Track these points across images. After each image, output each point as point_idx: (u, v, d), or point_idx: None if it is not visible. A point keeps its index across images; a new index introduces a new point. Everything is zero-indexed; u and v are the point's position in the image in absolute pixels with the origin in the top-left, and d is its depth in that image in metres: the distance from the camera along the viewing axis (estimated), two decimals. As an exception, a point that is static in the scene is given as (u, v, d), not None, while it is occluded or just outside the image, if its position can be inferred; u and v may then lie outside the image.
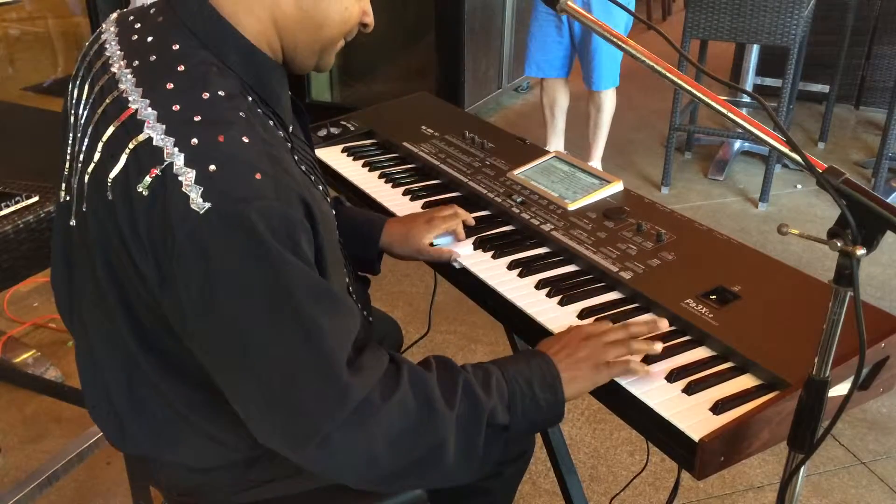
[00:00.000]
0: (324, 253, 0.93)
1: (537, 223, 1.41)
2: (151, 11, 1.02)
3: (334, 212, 1.17)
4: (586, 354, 1.04)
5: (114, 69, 0.97)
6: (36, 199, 1.62)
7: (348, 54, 4.71)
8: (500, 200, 1.49)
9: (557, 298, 1.22)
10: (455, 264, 1.35)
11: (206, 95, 0.90)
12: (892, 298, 2.94)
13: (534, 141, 1.73)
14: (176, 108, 0.89)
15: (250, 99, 0.96)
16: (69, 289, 1.12)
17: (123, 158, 0.90)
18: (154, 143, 0.88)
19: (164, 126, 0.88)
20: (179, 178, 0.85)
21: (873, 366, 1.05)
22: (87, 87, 1.01)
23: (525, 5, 4.62)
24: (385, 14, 4.66)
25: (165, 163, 0.86)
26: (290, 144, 1.02)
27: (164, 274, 0.89)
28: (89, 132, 0.97)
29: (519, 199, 1.49)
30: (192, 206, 0.84)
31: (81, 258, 1.05)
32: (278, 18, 0.98)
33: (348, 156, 1.76)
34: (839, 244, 0.82)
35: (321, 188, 1.10)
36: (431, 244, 1.38)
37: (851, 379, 0.87)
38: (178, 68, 0.93)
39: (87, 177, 0.97)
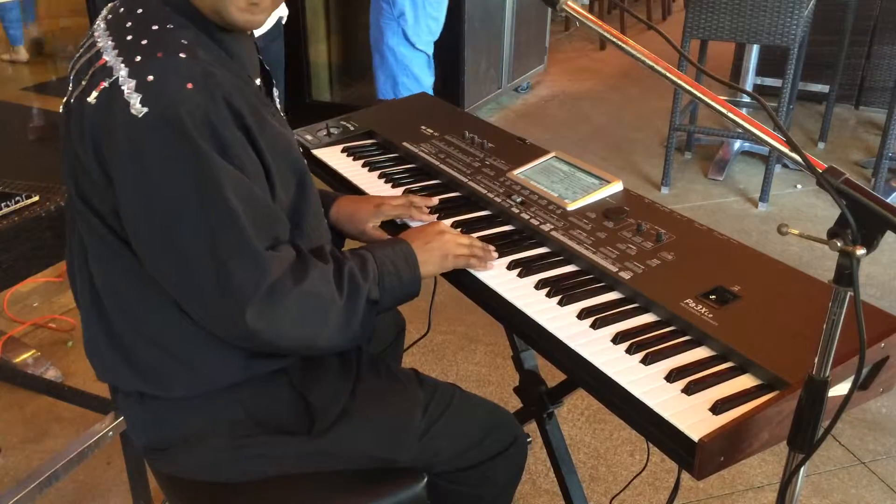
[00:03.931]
0: (264, 154, 1.08)
1: (537, 223, 1.41)
2: None
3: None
4: (438, 245, 1.28)
5: (99, 43, 1.12)
6: (36, 198, 1.62)
7: (349, 54, 4.71)
8: (499, 200, 1.49)
9: (557, 298, 1.22)
10: None
11: (155, 27, 1.07)
12: (892, 298, 2.94)
13: (534, 141, 1.73)
14: (129, 38, 1.07)
15: (209, 40, 1.09)
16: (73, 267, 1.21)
17: (83, 83, 1.07)
18: (107, 65, 1.05)
19: (116, 51, 1.06)
20: (122, 88, 1.01)
21: (873, 366, 1.05)
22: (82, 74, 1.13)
23: (525, 5, 4.62)
24: (385, 14, 4.65)
25: (114, 77, 1.02)
26: (248, 83, 1.13)
27: (108, 172, 1.04)
28: (71, 83, 1.13)
29: (519, 199, 1.49)
30: (132, 111, 0.99)
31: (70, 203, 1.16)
32: None
33: (348, 156, 1.76)
34: (839, 244, 0.82)
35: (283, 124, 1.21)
36: (396, 221, 1.45)
37: (851, 379, 0.87)
38: (138, 11, 1.10)
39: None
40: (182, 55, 1.02)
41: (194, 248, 1.03)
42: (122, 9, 1.13)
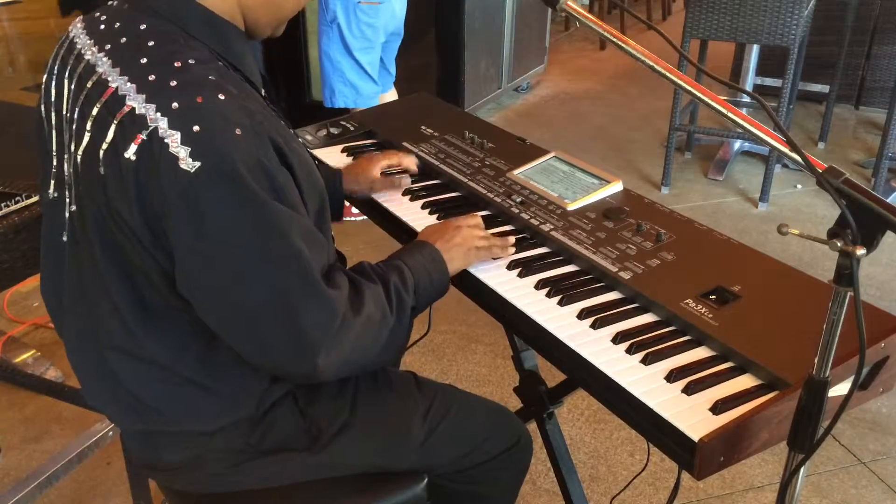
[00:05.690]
0: (301, 185, 1.05)
1: (537, 223, 1.41)
2: (115, 3, 1.09)
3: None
4: (460, 241, 1.28)
5: (87, 57, 1.05)
6: (36, 198, 1.62)
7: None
8: (499, 200, 1.49)
9: (557, 298, 1.22)
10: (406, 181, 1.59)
11: (177, 64, 0.98)
12: (892, 298, 2.93)
13: (534, 141, 1.73)
14: (152, 78, 0.97)
15: (220, 63, 1.03)
16: (59, 288, 1.16)
17: (111, 133, 0.98)
18: (137, 112, 0.96)
19: (143, 96, 0.96)
20: (166, 141, 0.93)
21: (873, 366, 1.05)
22: (65, 82, 1.08)
23: (525, 5, 4.62)
24: (385, 14, 4.65)
25: (150, 128, 0.94)
26: (264, 100, 1.10)
27: (156, 231, 0.98)
28: (76, 118, 1.04)
29: (518, 199, 1.49)
30: (183, 166, 0.92)
31: (79, 244, 1.09)
32: (243, 2, 1.08)
33: (348, 156, 1.76)
34: (839, 244, 0.82)
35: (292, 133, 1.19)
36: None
37: (851, 379, 0.87)
38: (149, 44, 1.01)
39: (79, 157, 1.03)
40: (221, 96, 0.95)
41: (264, 300, 0.99)
42: (123, 38, 1.03)
